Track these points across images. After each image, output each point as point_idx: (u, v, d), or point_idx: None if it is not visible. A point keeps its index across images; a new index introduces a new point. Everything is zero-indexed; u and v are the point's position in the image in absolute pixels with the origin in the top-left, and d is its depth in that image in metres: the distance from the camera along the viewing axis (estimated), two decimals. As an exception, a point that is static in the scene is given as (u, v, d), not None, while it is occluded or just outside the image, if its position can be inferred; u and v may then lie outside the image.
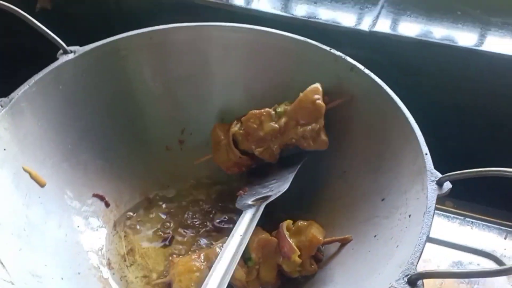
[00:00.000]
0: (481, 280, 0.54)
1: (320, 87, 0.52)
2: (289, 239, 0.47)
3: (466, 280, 0.53)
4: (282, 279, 0.49)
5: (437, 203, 0.41)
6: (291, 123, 0.52)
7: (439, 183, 0.42)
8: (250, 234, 0.47)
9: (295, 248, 0.46)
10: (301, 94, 0.52)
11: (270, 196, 0.51)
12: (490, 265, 0.57)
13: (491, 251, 0.57)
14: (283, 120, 0.53)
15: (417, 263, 0.37)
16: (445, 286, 0.53)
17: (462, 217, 0.62)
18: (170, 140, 0.59)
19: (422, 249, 0.38)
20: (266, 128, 0.53)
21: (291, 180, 0.52)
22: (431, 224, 0.39)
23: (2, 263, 0.39)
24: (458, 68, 0.65)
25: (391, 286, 0.36)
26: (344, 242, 0.49)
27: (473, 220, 0.61)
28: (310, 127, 0.52)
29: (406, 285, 0.36)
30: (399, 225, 0.43)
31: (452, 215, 0.62)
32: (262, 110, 0.53)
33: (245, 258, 0.47)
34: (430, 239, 0.58)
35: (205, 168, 0.59)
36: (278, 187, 0.52)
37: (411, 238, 0.40)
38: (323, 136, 0.52)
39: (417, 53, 0.66)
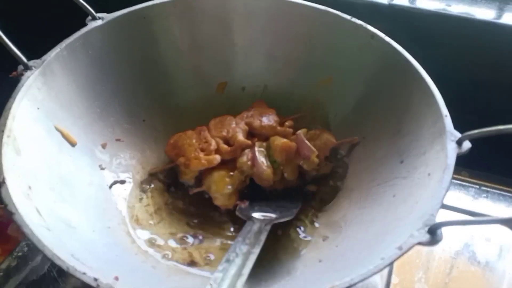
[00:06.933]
0: (494, 265, 0.55)
1: None
2: (307, 142, 0.53)
3: (481, 264, 0.55)
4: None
5: (453, 172, 0.41)
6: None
7: (459, 143, 0.43)
8: (258, 250, 0.44)
9: (314, 149, 0.52)
10: None
11: (276, 218, 0.50)
12: (506, 232, 0.58)
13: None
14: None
15: (437, 214, 0.38)
16: (459, 269, 0.55)
17: (478, 186, 0.63)
18: (193, 105, 0.60)
19: (441, 202, 0.39)
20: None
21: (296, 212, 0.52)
22: (450, 180, 0.41)
23: (38, 211, 0.41)
24: (477, 41, 0.66)
25: (412, 235, 0.37)
26: (353, 143, 0.55)
27: (488, 189, 0.62)
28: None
29: (427, 234, 0.37)
30: (419, 184, 0.44)
31: (468, 184, 0.63)
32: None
33: (271, 161, 0.53)
34: (446, 207, 0.61)
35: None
36: (283, 212, 0.51)
37: (431, 194, 0.41)
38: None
39: (436, 26, 0.67)
